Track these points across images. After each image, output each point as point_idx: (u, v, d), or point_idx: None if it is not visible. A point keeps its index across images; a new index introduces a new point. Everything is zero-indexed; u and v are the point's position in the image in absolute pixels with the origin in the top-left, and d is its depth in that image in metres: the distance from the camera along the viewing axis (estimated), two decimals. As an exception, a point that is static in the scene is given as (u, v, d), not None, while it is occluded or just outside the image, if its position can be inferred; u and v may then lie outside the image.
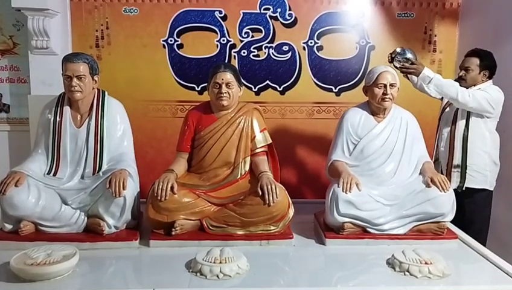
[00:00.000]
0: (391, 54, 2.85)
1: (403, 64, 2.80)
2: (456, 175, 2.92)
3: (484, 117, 2.87)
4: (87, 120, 2.59)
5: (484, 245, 2.59)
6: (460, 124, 2.92)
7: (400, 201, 2.52)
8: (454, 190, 2.81)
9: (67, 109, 2.59)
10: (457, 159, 2.92)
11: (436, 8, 3.73)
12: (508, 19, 3.13)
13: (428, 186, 2.52)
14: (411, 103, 3.10)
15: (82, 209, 2.46)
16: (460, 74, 2.95)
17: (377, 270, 2.21)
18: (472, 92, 2.79)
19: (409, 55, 2.79)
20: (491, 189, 2.94)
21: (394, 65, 2.80)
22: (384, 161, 2.67)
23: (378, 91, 2.65)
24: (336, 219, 2.47)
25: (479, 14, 3.51)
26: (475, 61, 2.90)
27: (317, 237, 2.63)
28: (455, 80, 2.93)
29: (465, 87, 2.86)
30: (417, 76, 2.82)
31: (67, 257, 2.05)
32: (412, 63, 2.81)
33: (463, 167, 2.90)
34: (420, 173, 2.65)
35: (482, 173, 2.90)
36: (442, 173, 2.90)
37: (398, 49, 2.82)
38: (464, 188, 2.90)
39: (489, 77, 2.92)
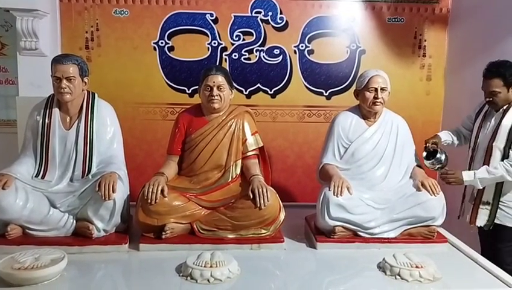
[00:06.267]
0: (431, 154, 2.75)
1: (438, 168, 2.71)
2: (483, 212, 2.60)
3: None
4: (76, 122, 2.56)
5: None
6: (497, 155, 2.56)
7: (391, 205, 2.53)
8: (480, 227, 2.63)
9: (56, 111, 2.56)
10: (487, 195, 2.60)
11: (426, 13, 3.76)
12: (497, 24, 3.16)
13: (418, 190, 2.53)
14: (402, 107, 3.12)
15: (71, 212, 2.43)
16: (488, 99, 2.59)
17: (368, 274, 2.22)
18: None
19: (442, 158, 2.71)
20: None
21: (425, 164, 2.75)
22: (375, 165, 2.68)
23: (369, 95, 2.66)
24: (327, 222, 2.47)
25: (468, 20, 3.55)
26: (498, 83, 2.52)
27: (308, 241, 2.62)
28: (486, 102, 2.64)
29: (496, 110, 2.60)
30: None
31: (56, 261, 2.02)
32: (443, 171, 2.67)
33: (494, 204, 2.57)
34: (411, 177, 2.67)
35: None
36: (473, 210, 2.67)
37: (439, 155, 2.71)
38: (490, 227, 2.60)
39: None
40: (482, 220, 2.61)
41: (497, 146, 2.54)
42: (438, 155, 2.72)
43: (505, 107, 2.57)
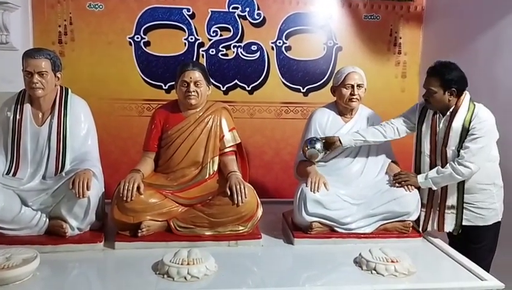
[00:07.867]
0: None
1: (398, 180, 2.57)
2: (450, 217, 2.55)
3: None
4: (49, 118, 2.50)
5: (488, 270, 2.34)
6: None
7: (367, 200, 2.56)
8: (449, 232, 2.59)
9: (27, 107, 2.50)
10: (451, 199, 2.54)
11: (401, 11, 3.82)
12: (470, 22, 3.23)
13: (394, 185, 2.57)
14: (376, 103, 3.15)
15: (43, 210, 2.38)
16: (424, 97, 2.54)
17: (344, 269, 2.24)
18: (467, 159, 2.40)
19: (318, 146, 2.62)
20: (500, 219, 2.55)
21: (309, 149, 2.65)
22: (351, 161, 2.71)
23: (346, 91, 2.68)
24: (304, 218, 2.49)
25: (442, 18, 3.62)
26: (435, 83, 2.46)
27: (285, 237, 2.63)
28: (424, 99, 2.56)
29: (432, 109, 2.56)
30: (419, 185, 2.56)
31: (28, 261, 1.98)
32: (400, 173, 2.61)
33: (459, 207, 2.52)
34: (386, 173, 2.70)
35: (491, 208, 2.51)
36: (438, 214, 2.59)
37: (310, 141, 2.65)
38: (459, 231, 2.54)
39: (459, 94, 2.47)
40: (449, 225, 2.56)
41: (450, 150, 2.49)
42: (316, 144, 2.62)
43: (451, 110, 2.48)
